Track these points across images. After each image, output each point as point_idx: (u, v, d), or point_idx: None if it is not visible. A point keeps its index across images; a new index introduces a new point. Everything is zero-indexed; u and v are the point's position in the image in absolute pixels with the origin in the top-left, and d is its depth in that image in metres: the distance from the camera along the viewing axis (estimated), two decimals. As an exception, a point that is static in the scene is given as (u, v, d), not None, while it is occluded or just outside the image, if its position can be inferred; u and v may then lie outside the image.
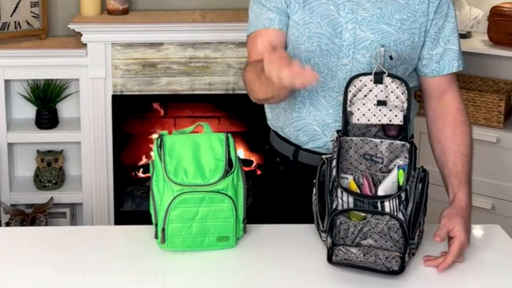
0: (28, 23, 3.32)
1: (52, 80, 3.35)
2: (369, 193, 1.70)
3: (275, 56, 1.53)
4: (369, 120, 1.76)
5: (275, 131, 2.02)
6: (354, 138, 1.77)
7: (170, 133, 1.79)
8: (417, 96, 3.07)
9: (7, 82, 3.28)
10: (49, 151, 3.42)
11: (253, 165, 3.63)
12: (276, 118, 2.00)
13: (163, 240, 1.70)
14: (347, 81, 1.78)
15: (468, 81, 3.50)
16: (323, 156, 1.77)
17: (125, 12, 3.35)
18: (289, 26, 1.88)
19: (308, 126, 1.93)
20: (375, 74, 1.76)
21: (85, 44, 3.22)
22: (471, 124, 1.96)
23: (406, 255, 1.63)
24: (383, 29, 1.84)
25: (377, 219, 1.65)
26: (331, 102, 1.89)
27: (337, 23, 1.84)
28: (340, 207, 1.67)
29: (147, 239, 1.76)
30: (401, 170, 1.72)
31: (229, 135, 1.77)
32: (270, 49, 1.55)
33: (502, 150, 3.20)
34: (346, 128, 1.78)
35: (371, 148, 1.76)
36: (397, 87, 1.76)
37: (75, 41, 3.29)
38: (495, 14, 3.26)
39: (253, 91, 1.80)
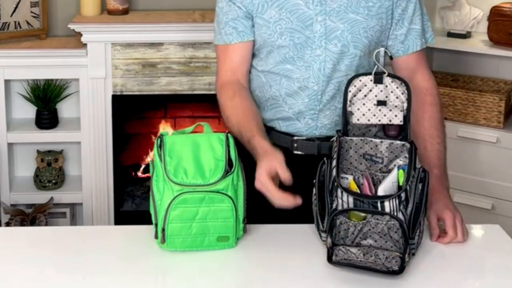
0: (28, 23, 3.32)
1: (52, 80, 3.35)
2: (369, 193, 1.70)
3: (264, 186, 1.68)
4: (369, 120, 1.76)
5: None
6: (354, 138, 1.77)
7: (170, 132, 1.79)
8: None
9: (7, 82, 3.28)
10: (49, 151, 3.42)
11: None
12: None
13: (163, 240, 1.70)
14: (347, 81, 1.79)
15: (468, 81, 3.51)
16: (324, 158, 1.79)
17: (125, 12, 3.36)
18: (260, 25, 1.94)
19: (283, 113, 2.00)
20: (375, 74, 1.77)
21: (85, 44, 3.22)
22: (440, 103, 2.01)
23: (406, 255, 1.63)
24: (351, 18, 1.90)
25: (377, 219, 1.65)
26: (307, 92, 1.95)
27: (306, 16, 1.90)
28: (340, 207, 1.67)
29: (147, 239, 1.76)
30: (401, 170, 1.72)
31: (229, 135, 1.77)
32: (266, 179, 1.67)
33: (502, 150, 3.20)
34: (346, 128, 1.78)
35: (371, 148, 1.76)
36: (397, 87, 1.76)
37: (75, 41, 3.29)
38: (495, 14, 3.26)
39: (230, 130, 1.89)
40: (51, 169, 3.38)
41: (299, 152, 2.00)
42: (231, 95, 1.95)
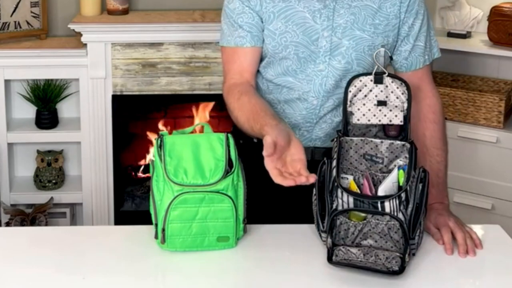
0: (28, 23, 3.32)
1: (52, 80, 3.35)
2: (369, 193, 1.70)
3: (276, 159, 1.54)
4: (369, 120, 1.76)
5: None
6: (354, 138, 1.77)
7: (170, 133, 1.79)
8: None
9: (7, 82, 3.28)
10: (49, 151, 3.42)
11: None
12: None
13: (163, 240, 1.70)
14: (347, 81, 1.79)
15: (468, 81, 3.51)
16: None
17: (125, 12, 3.36)
18: (265, 35, 1.91)
19: None
20: (375, 74, 1.77)
21: (85, 44, 3.22)
22: (443, 120, 1.99)
23: (406, 255, 1.63)
24: (357, 35, 1.87)
25: (377, 220, 1.65)
26: (306, 105, 1.93)
27: (313, 31, 1.87)
28: (340, 207, 1.67)
29: (147, 239, 1.76)
30: (401, 170, 1.72)
31: (229, 135, 1.77)
32: (269, 148, 1.53)
33: (502, 150, 3.20)
34: (346, 128, 1.78)
35: (371, 148, 1.76)
36: (397, 87, 1.76)
37: (75, 41, 3.29)
38: (495, 14, 3.26)
39: (241, 126, 1.85)
40: (51, 169, 3.38)
41: None
42: (237, 96, 1.89)
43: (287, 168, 1.57)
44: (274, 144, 1.55)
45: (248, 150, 1.92)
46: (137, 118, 3.59)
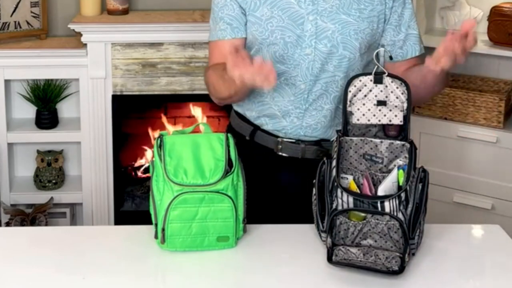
0: (28, 23, 3.32)
1: (52, 80, 3.35)
2: (369, 193, 1.70)
3: (238, 58, 1.66)
4: (369, 120, 1.76)
5: (237, 110, 2.08)
6: (354, 138, 1.77)
7: (170, 133, 1.79)
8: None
9: (7, 82, 3.28)
10: (49, 151, 3.42)
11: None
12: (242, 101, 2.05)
13: (163, 240, 1.70)
14: (347, 81, 1.79)
15: (468, 81, 3.50)
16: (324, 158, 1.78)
17: (125, 12, 3.35)
18: (252, 23, 1.94)
19: (270, 110, 1.99)
20: (375, 74, 1.77)
21: (85, 44, 3.22)
22: None
23: (406, 255, 1.63)
24: (343, 19, 1.91)
25: (377, 219, 1.66)
26: (294, 90, 1.95)
27: (298, 15, 1.91)
28: (340, 207, 1.67)
29: (147, 239, 1.76)
30: (401, 170, 1.72)
31: (229, 135, 1.77)
32: (233, 51, 1.66)
33: (502, 150, 3.20)
34: (346, 128, 1.79)
35: (371, 148, 1.77)
36: (397, 87, 1.76)
37: (75, 41, 3.29)
38: (495, 14, 3.26)
39: (216, 90, 1.92)
40: (51, 169, 3.38)
41: (283, 154, 1.99)
42: (211, 67, 1.97)
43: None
44: (235, 49, 1.67)
45: (246, 151, 1.94)
46: (137, 118, 3.59)
